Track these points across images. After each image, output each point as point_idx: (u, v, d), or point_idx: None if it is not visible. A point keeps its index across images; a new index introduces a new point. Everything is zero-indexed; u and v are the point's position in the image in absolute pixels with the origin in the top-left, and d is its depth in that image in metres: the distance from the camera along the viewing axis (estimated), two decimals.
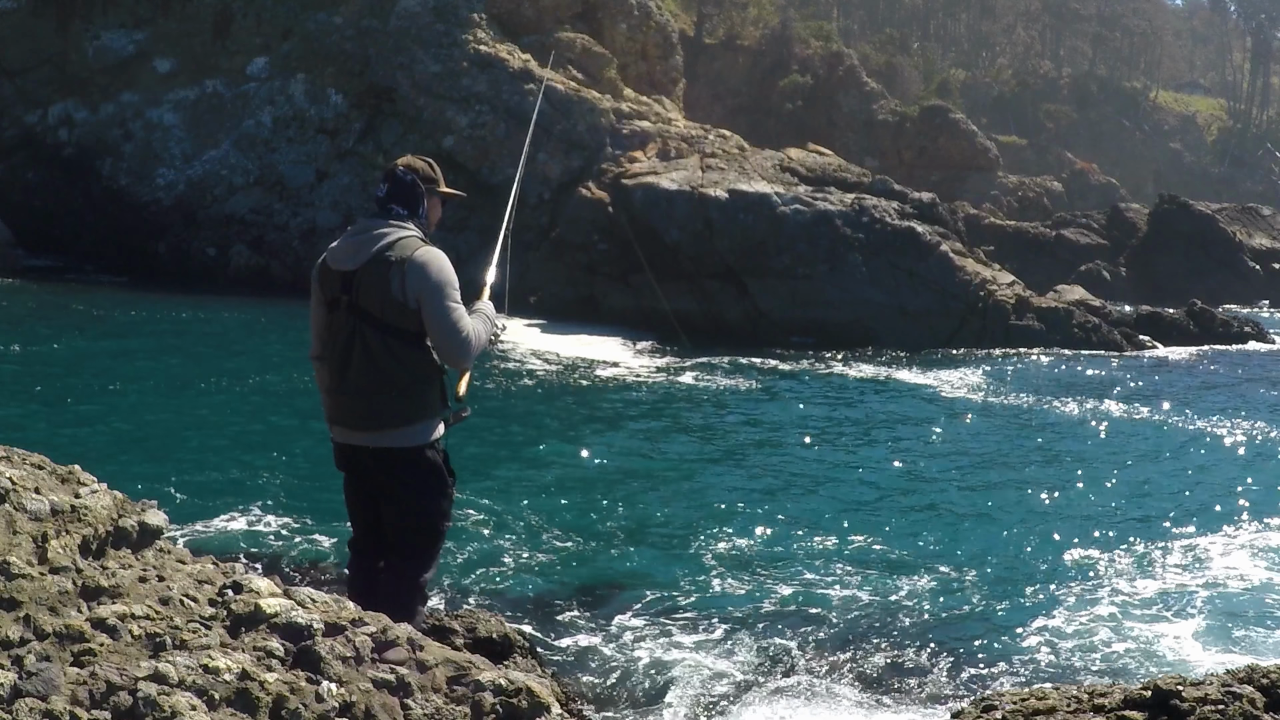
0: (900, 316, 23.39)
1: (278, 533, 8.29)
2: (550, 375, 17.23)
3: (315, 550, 7.91)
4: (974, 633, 6.97)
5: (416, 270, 4.34)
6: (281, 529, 8.41)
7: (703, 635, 6.73)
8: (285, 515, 8.85)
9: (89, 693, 2.61)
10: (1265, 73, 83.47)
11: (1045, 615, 7.39)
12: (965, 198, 44.54)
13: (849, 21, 72.87)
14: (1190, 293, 32.27)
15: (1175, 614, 7.52)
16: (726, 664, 6.26)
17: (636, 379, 17.33)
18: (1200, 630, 7.26)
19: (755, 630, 6.83)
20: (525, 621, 6.73)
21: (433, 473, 4.58)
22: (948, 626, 7.07)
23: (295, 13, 29.84)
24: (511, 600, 7.16)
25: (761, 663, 6.31)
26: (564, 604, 7.14)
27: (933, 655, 6.52)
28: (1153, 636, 7.11)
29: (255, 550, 7.78)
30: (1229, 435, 14.20)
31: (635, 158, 26.83)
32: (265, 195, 28.27)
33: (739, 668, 6.21)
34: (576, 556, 8.33)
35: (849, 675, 6.19)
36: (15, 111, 30.10)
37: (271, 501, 9.25)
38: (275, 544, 7.96)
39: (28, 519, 2.98)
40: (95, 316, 20.06)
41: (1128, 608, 7.61)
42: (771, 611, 7.17)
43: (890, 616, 7.19)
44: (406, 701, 3.05)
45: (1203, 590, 8.06)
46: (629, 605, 7.19)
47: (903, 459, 12.41)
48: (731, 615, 7.09)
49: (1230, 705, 3.03)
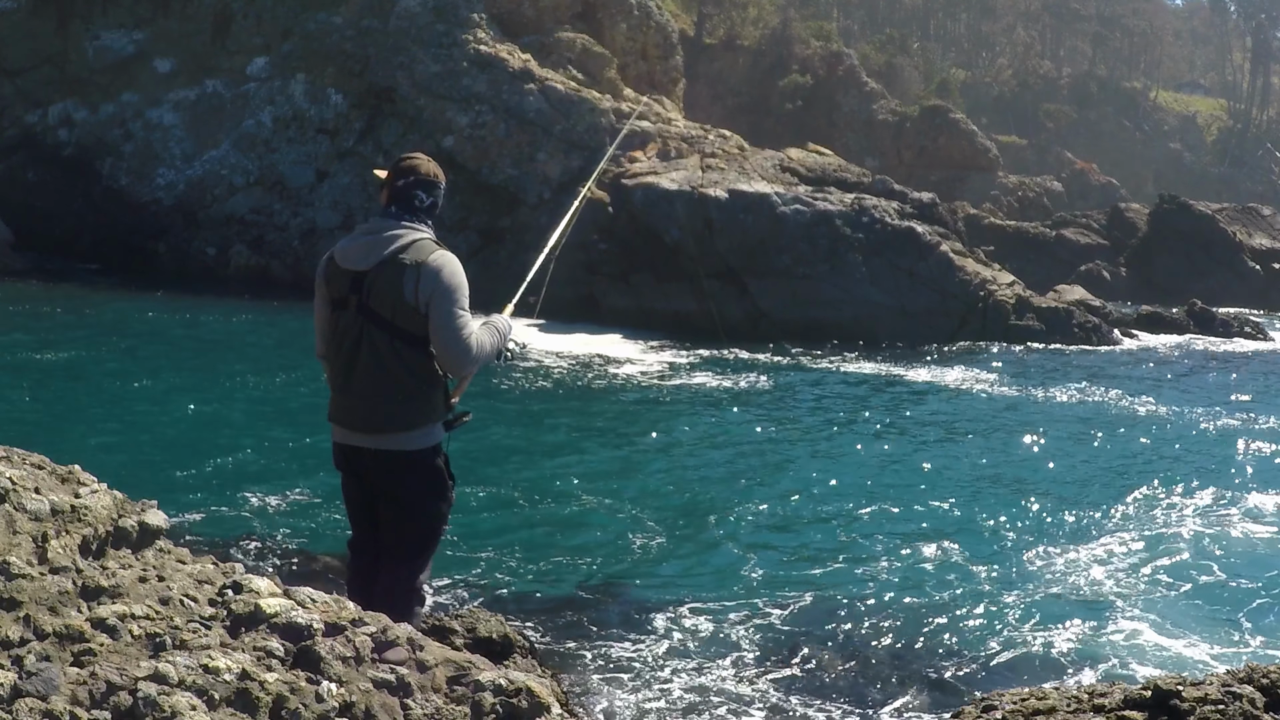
0: (900, 316, 23.40)
1: (278, 533, 8.29)
2: (551, 373, 17.23)
3: (315, 550, 7.91)
4: (974, 633, 6.97)
5: (431, 274, 4.30)
6: (282, 529, 8.41)
7: (703, 634, 6.73)
8: (285, 515, 8.85)
9: (89, 693, 2.60)
10: (1265, 73, 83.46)
11: (1046, 615, 7.39)
12: (965, 198, 44.55)
13: (849, 21, 72.88)
14: (1190, 293, 32.28)
15: (1176, 613, 7.51)
16: (727, 663, 6.26)
17: (637, 377, 17.33)
18: (1201, 630, 7.26)
19: (755, 629, 6.83)
20: (525, 622, 6.73)
21: (434, 476, 4.56)
22: (948, 626, 7.07)
23: (295, 13, 29.84)
24: (511, 600, 7.16)
25: (761, 662, 6.31)
26: (564, 604, 7.14)
27: (932, 655, 6.52)
28: (1153, 636, 7.11)
29: (255, 550, 7.78)
30: (1231, 433, 14.20)
31: (635, 158, 26.83)
32: (265, 195, 28.27)
33: (739, 667, 6.21)
34: (577, 555, 8.33)
35: (849, 674, 6.19)
36: (15, 111, 30.10)
37: (272, 501, 9.24)
38: (275, 544, 7.96)
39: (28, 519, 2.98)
40: (95, 316, 20.05)
41: (1128, 607, 7.61)
42: (771, 611, 7.17)
43: (890, 616, 7.19)
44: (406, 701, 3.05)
45: (1204, 589, 8.06)
46: (630, 604, 7.19)
47: (902, 457, 12.41)
48: (732, 615, 7.09)
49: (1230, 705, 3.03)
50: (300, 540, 8.14)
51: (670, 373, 18.01)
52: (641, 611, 7.08)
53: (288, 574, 7.16)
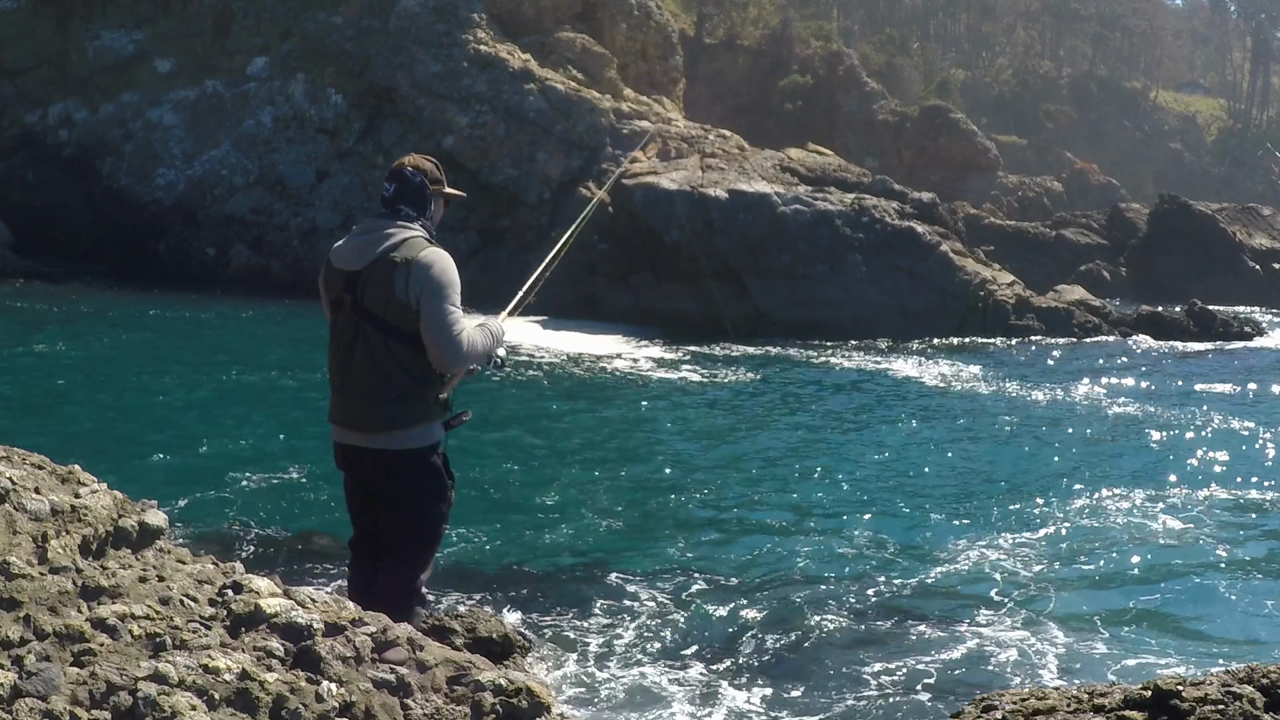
0: (900, 316, 23.42)
1: (278, 533, 8.29)
2: (551, 372, 17.23)
3: (315, 550, 7.90)
4: (974, 632, 6.96)
5: (421, 270, 4.31)
6: (282, 529, 8.41)
7: (704, 634, 6.73)
8: (286, 515, 8.85)
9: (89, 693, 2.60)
10: (1265, 73, 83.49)
11: (1045, 614, 7.39)
12: (965, 198, 44.55)
13: (849, 21, 72.88)
14: (1190, 293, 32.28)
15: (1177, 613, 7.51)
16: (727, 663, 6.26)
17: (637, 376, 17.33)
18: (1203, 629, 7.26)
19: (755, 629, 6.83)
20: (525, 622, 6.73)
21: (431, 476, 4.56)
22: (947, 625, 7.06)
23: (295, 13, 29.85)
24: (511, 600, 7.16)
25: (761, 662, 6.31)
26: (565, 603, 7.14)
27: (932, 654, 6.51)
28: (1153, 636, 7.11)
29: (255, 550, 7.78)
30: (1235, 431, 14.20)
31: (635, 158, 26.83)
32: (265, 195, 28.27)
33: (739, 667, 6.21)
34: (577, 555, 8.33)
35: (849, 674, 6.19)
36: (15, 111, 30.10)
37: (272, 501, 9.24)
38: (275, 544, 7.95)
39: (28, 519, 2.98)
40: (95, 316, 20.06)
41: (1128, 606, 7.61)
42: (771, 610, 7.17)
43: (890, 615, 7.19)
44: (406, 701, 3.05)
45: (1206, 589, 8.05)
46: (630, 604, 7.19)
47: (902, 456, 12.41)
48: (733, 614, 7.09)
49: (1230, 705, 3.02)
50: (300, 540, 8.13)
51: (671, 369, 18.01)
52: (644, 610, 7.08)
53: (288, 574, 7.15)
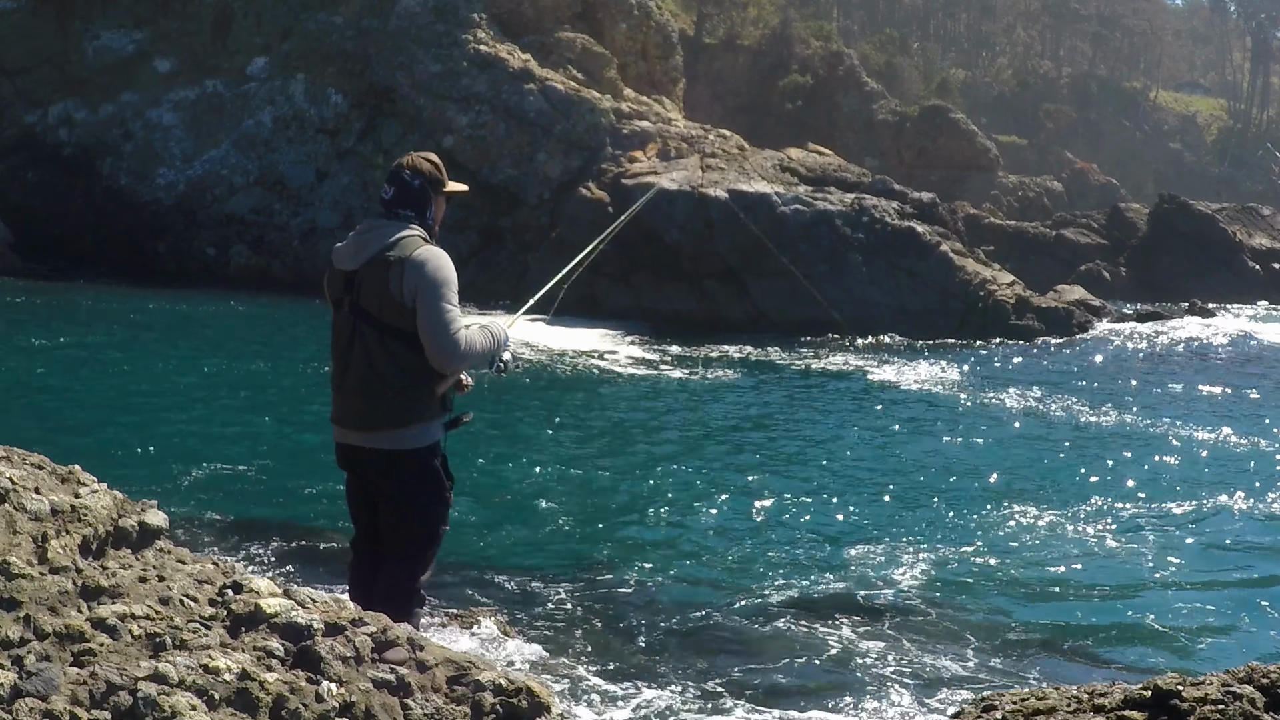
0: (900, 316, 23.42)
1: (278, 533, 8.28)
2: (551, 371, 17.23)
3: (315, 550, 7.90)
4: (973, 632, 6.96)
5: (415, 267, 4.31)
6: (281, 529, 8.40)
7: (704, 633, 6.73)
8: (286, 515, 8.85)
9: (89, 693, 2.60)
10: (1265, 73, 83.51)
11: (1045, 613, 7.39)
12: (965, 198, 44.55)
13: (849, 21, 72.88)
14: (1190, 292, 32.30)
15: (1178, 613, 7.51)
16: (726, 662, 6.26)
17: (637, 375, 17.34)
18: (1203, 629, 7.26)
19: (755, 628, 6.83)
20: (525, 620, 6.72)
21: (430, 477, 4.55)
22: (947, 625, 7.06)
23: (295, 13, 29.85)
24: (511, 599, 7.15)
25: (760, 662, 6.31)
26: (566, 602, 7.14)
27: (932, 655, 6.51)
28: (1154, 636, 7.10)
29: (255, 550, 7.77)
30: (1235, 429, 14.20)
31: (635, 158, 26.84)
32: (265, 195, 28.28)
33: (739, 666, 6.21)
34: (578, 554, 8.33)
35: (848, 673, 6.19)
36: (15, 111, 30.11)
37: (272, 501, 9.24)
38: (275, 544, 7.95)
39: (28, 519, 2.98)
40: (95, 316, 20.06)
41: (1128, 606, 7.61)
42: (770, 610, 7.17)
43: (889, 614, 7.19)
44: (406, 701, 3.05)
45: (1208, 589, 8.05)
46: (631, 603, 7.19)
47: (901, 455, 12.41)
48: (732, 614, 7.09)
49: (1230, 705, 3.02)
50: (300, 540, 8.13)
51: (672, 368, 18.01)
52: (644, 609, 7.08)
53: (288, 574, 7.15)
